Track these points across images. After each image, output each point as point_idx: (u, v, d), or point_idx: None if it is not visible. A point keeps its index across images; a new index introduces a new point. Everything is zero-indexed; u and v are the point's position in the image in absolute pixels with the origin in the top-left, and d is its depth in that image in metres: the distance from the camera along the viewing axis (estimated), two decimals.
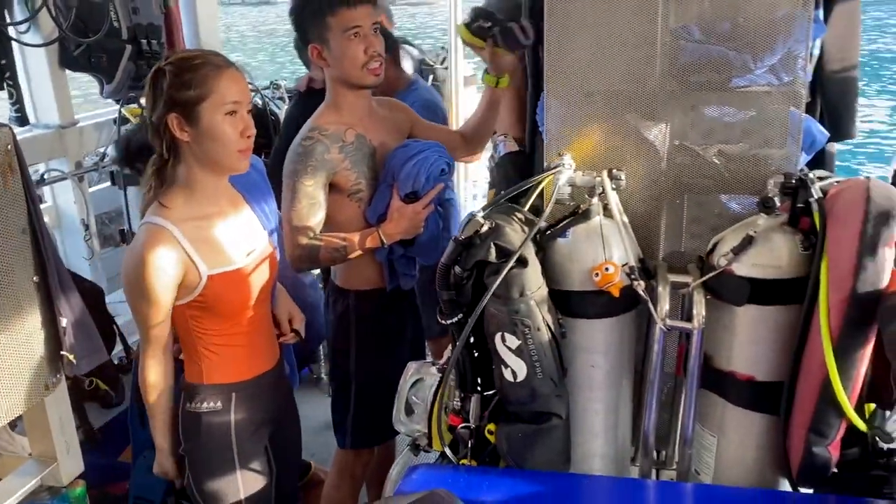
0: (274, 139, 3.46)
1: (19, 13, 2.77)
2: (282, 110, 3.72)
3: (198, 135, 1.57)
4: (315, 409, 3.48)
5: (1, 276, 1.20)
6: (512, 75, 2.23)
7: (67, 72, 3.00)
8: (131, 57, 3.14)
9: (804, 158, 1.93)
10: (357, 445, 2.24)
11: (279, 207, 2.12)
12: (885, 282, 1.34)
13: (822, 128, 1.99)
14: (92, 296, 2.41)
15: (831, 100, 2.51)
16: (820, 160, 2.55)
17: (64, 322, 1.29)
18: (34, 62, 2.89)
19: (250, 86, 1.98)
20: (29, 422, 1.36)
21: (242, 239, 1.72)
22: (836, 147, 2.61)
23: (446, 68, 4.11)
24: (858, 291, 1.33)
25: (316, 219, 2.00)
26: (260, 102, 3.47)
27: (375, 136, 2.08)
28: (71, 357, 1.30)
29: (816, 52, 2.40)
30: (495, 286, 1.43)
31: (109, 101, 3.32)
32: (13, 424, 1.51)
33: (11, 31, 2.69)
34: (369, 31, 2.00)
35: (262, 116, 3.12)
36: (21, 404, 1.25)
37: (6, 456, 1.41)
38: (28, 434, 1.38)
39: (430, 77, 3.92)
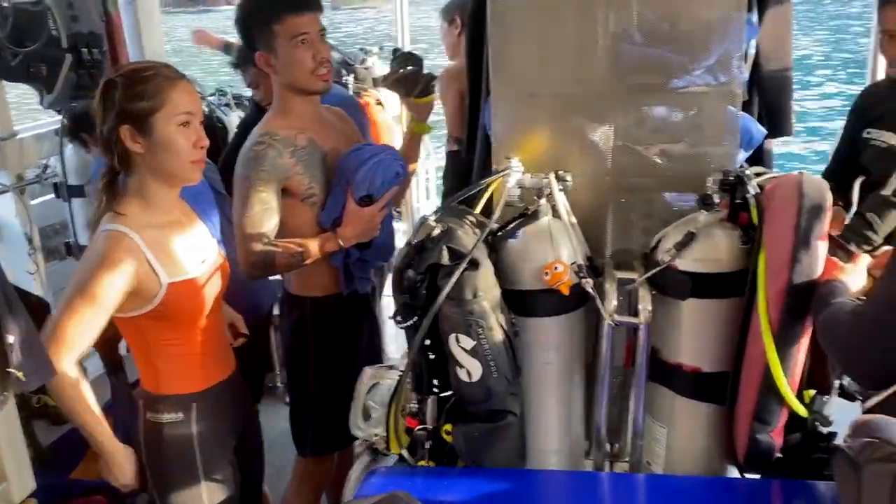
0: (221, 147, 3.44)
1: None
2: (228, 117, 3.69)
3: (151, 146, 1.55)
4: (271, 418, 3.46)
5: None
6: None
7: (5, 82, 2.92)
8: (72, 66, 3.06)
9: (743, 155, 2.00)
10: (318, 453, 2.23)
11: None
12: (818, 273, 1.40)
13: (759, 125, 2.06)
14: (38, 311, 2.35)
15: (768, 99, 2.61)
16: (759, 157, 2.65)
17: (11, 339, 1.26)
18: None
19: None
20: None
21: (196, 248, 1.70)
22: (773, 143, 2.71)
23: (367, 68, 4.28)
24: (794, 283, 1.39)
25: (270, 224, 1.96)
26: (206, 110, 3.44)
27: (326, 140, 2.07)
28: (19, 374, 1.27)
29: (752, 51, 2.49)
30: (448, 288, 1.45)
31: (50, 111, 3.24)
32: None
33: None
34: (316, 38, 1.98)
35: (209, 124, 3.10)
36: None
37: None
38: None
39: (352, 76, 4.18)
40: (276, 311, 2.68)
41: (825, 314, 1.34)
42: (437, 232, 1.53)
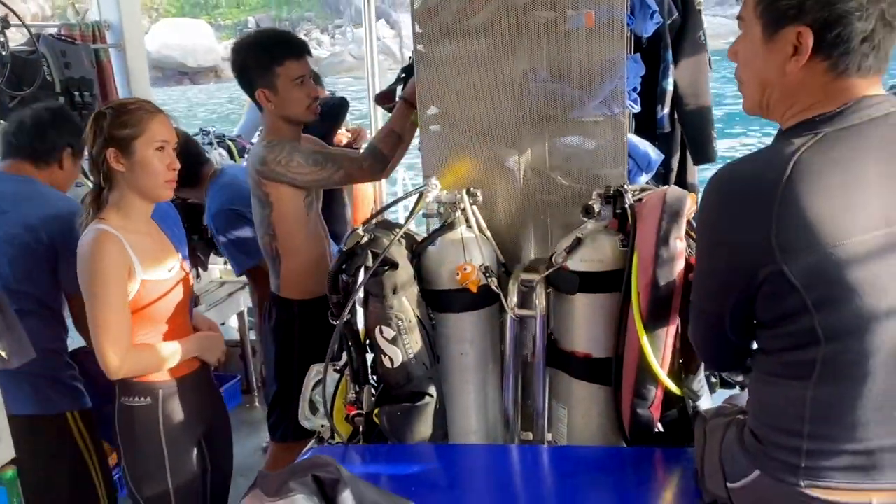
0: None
1: None
2: (210, 154, 3.99)
3: (132, 166, 1.86)
4: (249, 435, 3.69)
5: None
6: None
7: (2, 122, 3.22)
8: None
9: (645, 177, 2.27)
10: (297, 437, 2.47)
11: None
12: (679, 268, 1.66)
13: (657, 150, 2.33)
14: None
15: (690, 131, 2.92)
16: (683, 180, 2.95)
17: None
18: None
19: (176, 130, 2.27)
20: None
21: (164, 258, 1.98)
22: (696, 169, 3.01)
23: None
24: (657, 276, 1.65)
25: (336, 156, 2.39)
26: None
27: None
28: (3, 353, 1.52)
29: (669, 88, 2.80)
30: (362, 282, 1.72)
31: None
32: None
33: None
34: (309, 79, 2.40)
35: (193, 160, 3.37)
36: None
37: None
38: None
39: None
40: None
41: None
42: (364, 240, 1.80)
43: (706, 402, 1.80)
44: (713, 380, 1.89)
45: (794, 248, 1.11)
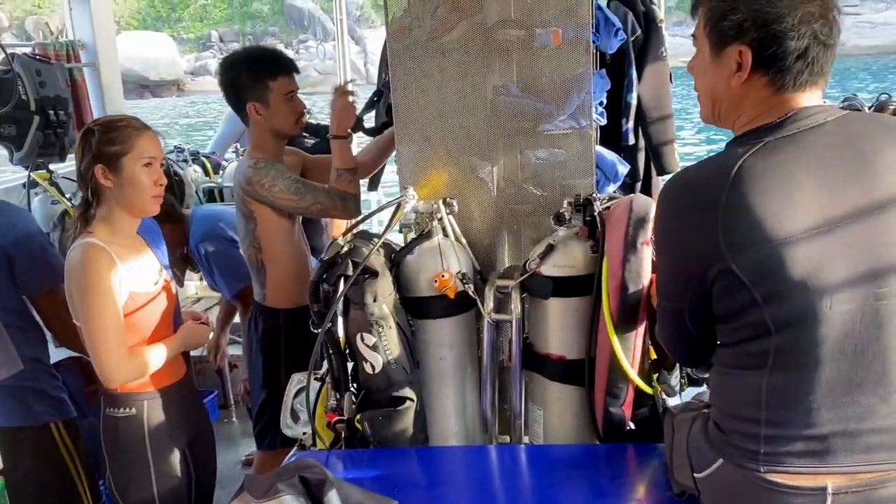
0: (178, 196, 3.77)
1: None
2: (185, 171, 4.03)
3: (120, 182, 1.90)
4: (228, 449, 3.70)
5: None
6: None
7: None
8: (39, 126, 3.40)
9: (613, 186, 2.37)
10: (284, 445, 2.51)
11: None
12: (646, 271, 1.74)
13: (624, 162, 2.43)
14: None
15: (652, 143, 3.03)
16: (647, 190, 3.05)
17: None
18: None
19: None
20: None
21: (151, 270, 2.02)
22: (660, 179, 3.12)
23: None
24: (626, 280, 1.73)
25: (314, 187, 2.39)
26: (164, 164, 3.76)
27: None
28: None
29: (633, 103, 2.91)
30: (343, 290, 1.78)
31: (19, 167, 3.54)
32: None
33: None
34: (297, 95, 2.49)
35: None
36: None
37: None
38: None
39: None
40: None
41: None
42: (345, 249, 1.86)
43: (675, 399, 1.88)
44: (682, 379, 1.97)
45: (740, 247, 1.20)
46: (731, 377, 1.33)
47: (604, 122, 2.35)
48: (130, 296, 1.91)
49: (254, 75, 2.44)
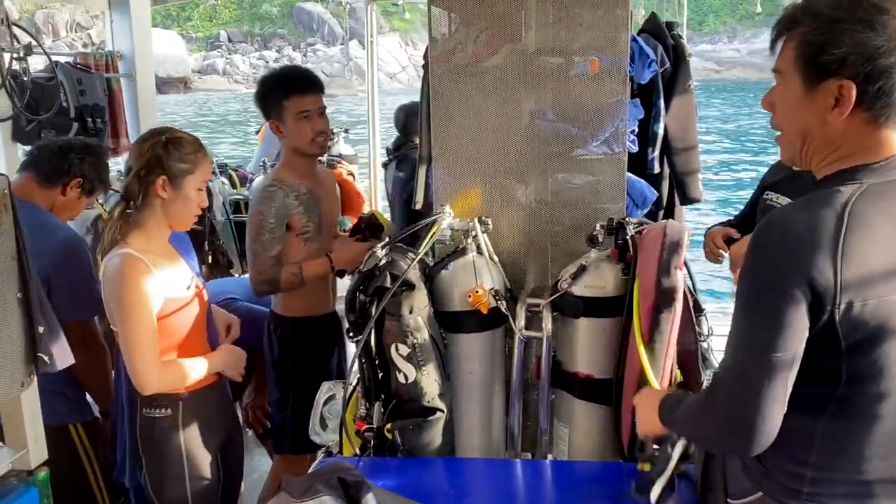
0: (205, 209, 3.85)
1: None
2: (213, 183, 4.10)
3: (175, 197, 1.99)
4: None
5: None
6: None
7: (18, 145, 3.31)
8: (77, 133, 3.48)
9: (641, 212, 2.43)
10: (294, 451, 2.57)
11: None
12: (679, 294, 1.79)
13: (652, 189, 2.49)
14: None
15: (677, 173, 3.09)
16: (670, 217, 3.11)
17: (41, 329, 1.60)
18: None
19: None
20: (5, 414, 1.65)
21: (182, 277, 2.08)
22: (683, 208, 3.18)
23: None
24: (659, 302, 1.78)
25: (275, 250, 2.44)
26: None
27: (320, 191, 2.59)
28: (46, 358, 1.61)
29: (660, 132, 2.98)
30: (383, 302, 1.83)
31: None
32: None
33: None
34: (316, 114, 2.51)
35: None
36: (1, 397, 1.55)
37: None
38: (4, 424, 1.67)
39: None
40: None
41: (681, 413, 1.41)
42: (383, 262, 1.92)
43: None
44: None
45: (850, 297, 1.14)
46: (786, 416, 1.23)
47: (635, 149, 2.42)
48: (165, 301, 1.97)
49: (271, 94, 2.52)
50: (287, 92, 2.48)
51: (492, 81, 2.15)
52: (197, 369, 2.04)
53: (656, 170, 3.00)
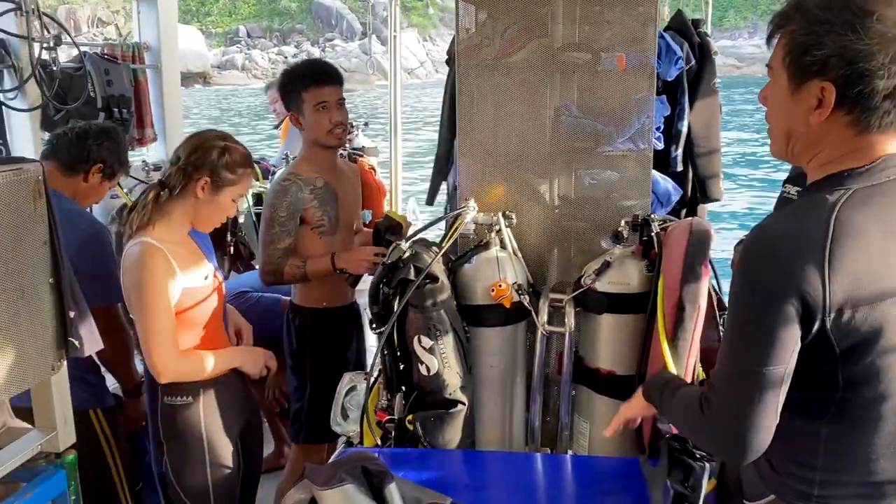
0: None
1: (9, 82, 3.15)
2: None
3: (210, 201, 2.03)
4: None
5: (27, 277, 1.53)
6: None
7: (46, 133, 3.36)
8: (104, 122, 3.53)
9: (664, 210, 2.42)
10: (309, 440, 2.60)
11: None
12: (703, 291, 1.79)
13: (676, 186, 2.48)
14: None
15: (699, 172, 3.08)
16: (692, 215, 3.10)
17: (72, 314, 1.63)
18: (18, 124, 3.24)
19: None
20: (35, 396, 1.67)
21: (200, 266, 2.11)
22: (705, 207, 3.17)
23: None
24: (683, 299, 1.78)
25: (284, 243, 2.47)
26: None
27: (339, 185, 2.60)
28: (76, 342, 1.64)
29: (684, 130, 2.97)
30: (407, 295, 1.84)
31: None
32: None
33: (2, 97, 3.07)
34: (334, 105, 2.52)
35: None
36: (32, 380, 1.58)
37: (11, 429, 1.71)
38: (33, 407, 1.69)
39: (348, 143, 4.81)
40: None
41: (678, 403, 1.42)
42: (406, 255, 1.93)
43: None
44: None
45: (839, 305, 1.13)
46: (785, 420, 1.25)
47: (661, 146, 2.41)
48: (184, 292, 1.99)
49: (291, 86, 2.55)
50: (306, 83, 2.51)
51: (518, 76, 2.15)
52: (216, 363, 2.06)
53: (679, 168, 2.99)
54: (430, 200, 3.26)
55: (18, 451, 1.61)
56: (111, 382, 2.65)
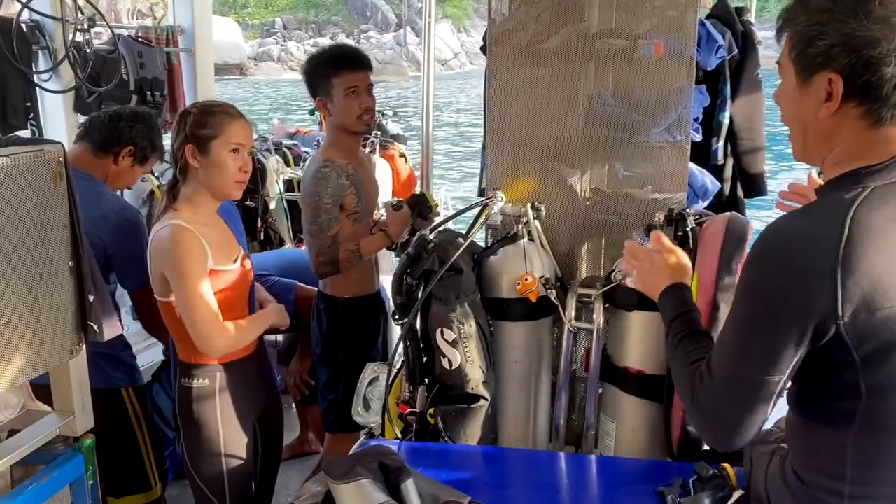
0: (259, 186, 3.90)
1: (43, 64, 3.16)
2: (268, 160, 4.13)
3: (207, 164, 1.97)
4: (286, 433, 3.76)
5: (46, 260, 1.52)
6: None
7: (80, 115, 3.38)
8: (136, 105, 3.53)
9: (702, 204, 2.33)
10: (346, 429, 2.58)
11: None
12: None
13: (714, 181, 2.39)
14: None
15: (743, 167, 2.98)
16: (733, 209, 3.00)
17: (91, 298, 1.62)
18: (52, 106, 3.25)
19: None
20: (54, 380, 1.66)
21: (230, 249, 2.08)
22: (746, 202, 3.07)
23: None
24: (717, 298, 1.71)
25: (333, 230, 2.45)
26: None
27: (362, 171, 2.60)
28: (95, 327, 1.62)
29: (725, 122, 2.87)
30: (430, 286, 1.79)
31: None
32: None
33: (36, 78, 3.09)
34: (363, 91, 2.50)
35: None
36: (50, 363, 1.57)
37: (30, 411, 1.71)
38: (52, 390, 1.69)
39: (379, 132, 4.98)
40: None
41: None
42: (431, 245, 1.88)
43: None
44: None
45: (855, 308, 1.09)
46: (812, 432, 1.24)
47: (699, 138, 2.33)
48: (212, 273, 1.97)
49: (320, 71, 2.51)
50: (336, 68, 2.48)
51: (551, 63, 2.08)
52: (252, 328, 2.06)
53: (720, 160, 2.89)
54: (482, 192, 3.20)
55: (36, 435, 1.60)
56: (142, 362, 2.68)
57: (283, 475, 2.49)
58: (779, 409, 1.49)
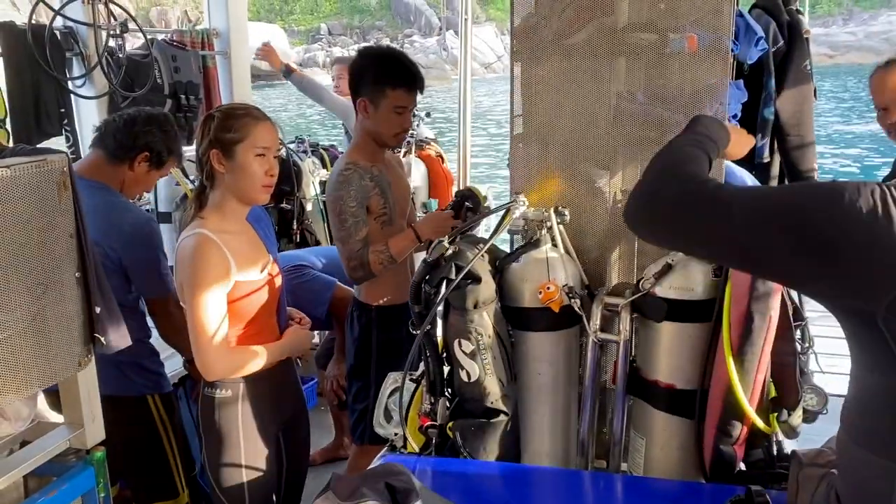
0: (296, 187, 3.88)
1: (77, 70, 3.19)
2: (304, 162, 4.11)
3: (232, 168, 1.93)
4: (322, 437, 3.74)
5: (52, 270, 1.50)
6: None
7: None
8: (171, 110, 3.55)
9: None
10: (374, 441, 2.52)
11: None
12: (775, 303, 1.59)
13: (754, 180, 2.25)
14: None
15: (791, 165, 2.82)
16: None
17: (98, 310, 1.59)
18: (86, 111, 3.29)
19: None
20: (63, 392, 1.65)
21: (257, 258, 2.04)
22: None
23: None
24: (752, 310, 1.59)
25: (362, 233, 2.41)
26: (285, 154, 3.87)
27: (390, 174, 2.55)
28: (102, 339, 1.60)
29: (770, 118, 2.72)
30: (444, 294, 1.72)
31: None
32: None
33: (70, 84, 3.12)
34: (408, 111, 2.49)
35: (284, 166, 3.55)
36: (58, 376, 1.55)
37: (42, 423, 1.70)
38: (62, 402, 1.68)
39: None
40: None
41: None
42: (449, 252, 1.80)
43: (793, 443, 1.72)
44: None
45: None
46: (853, 454, 1.20)
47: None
48: (236, 284, 1.93)
49: (377, 76, 2.45)
50: (395, 82, 2.43)
51: (578, 59, 1.98)
52: (264, 357, 2.00)
53: (766, 158, 2.74)
54: None
55: (45, 447, 1.59)
56: (170, 368, 2.67)
57: (317, 480, 2.44)
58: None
